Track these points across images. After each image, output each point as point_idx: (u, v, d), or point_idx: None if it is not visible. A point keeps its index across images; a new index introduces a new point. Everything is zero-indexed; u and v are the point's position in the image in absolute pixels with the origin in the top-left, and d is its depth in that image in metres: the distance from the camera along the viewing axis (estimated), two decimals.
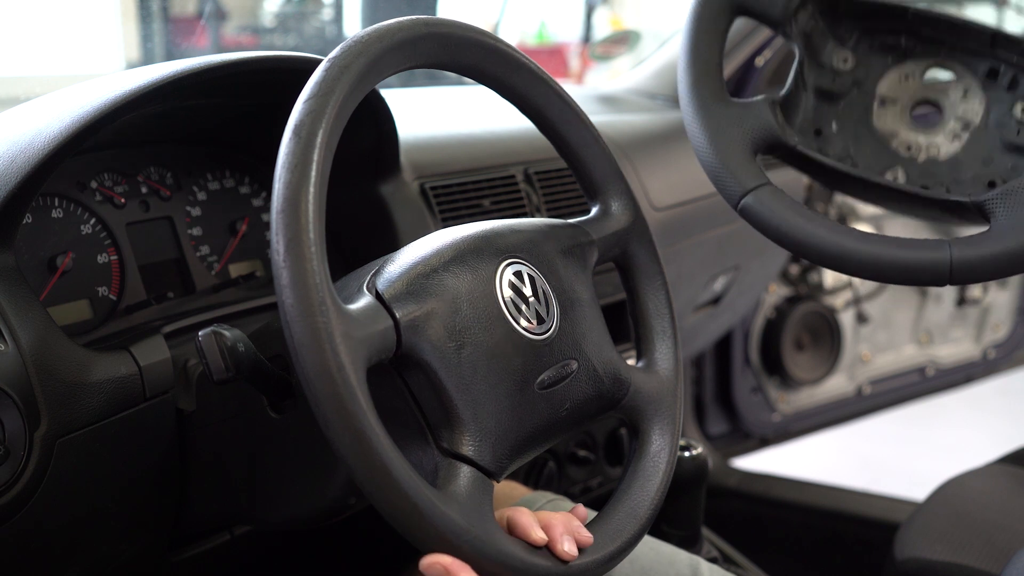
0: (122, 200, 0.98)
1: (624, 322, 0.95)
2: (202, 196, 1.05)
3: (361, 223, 1.12)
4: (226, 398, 0.85)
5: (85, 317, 0.94)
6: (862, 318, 2.20)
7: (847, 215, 2.10)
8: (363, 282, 0.73)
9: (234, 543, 0.98)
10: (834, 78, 1.05)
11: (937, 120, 1.02)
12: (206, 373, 0.74)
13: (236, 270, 1.06)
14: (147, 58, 3.12)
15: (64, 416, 0.81)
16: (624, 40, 2.05)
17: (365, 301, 0.69)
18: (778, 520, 1.82)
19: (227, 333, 0.74)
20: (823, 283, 2.13)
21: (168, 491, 0.90)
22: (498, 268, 0.77)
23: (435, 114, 1.46)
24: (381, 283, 0.72)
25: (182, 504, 0.92)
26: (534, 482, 1.41)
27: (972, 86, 1.01)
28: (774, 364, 2.08)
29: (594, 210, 0.90)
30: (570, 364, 0.79)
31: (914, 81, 1.03)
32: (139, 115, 0.92)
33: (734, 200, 0.97)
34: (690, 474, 1.15)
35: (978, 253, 0.90)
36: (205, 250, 1.04)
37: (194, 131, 1.05)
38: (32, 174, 0.81)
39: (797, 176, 1.67)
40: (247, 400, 0.82)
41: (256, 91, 0.99)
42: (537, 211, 1.28)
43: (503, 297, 0.76)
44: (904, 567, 1.12)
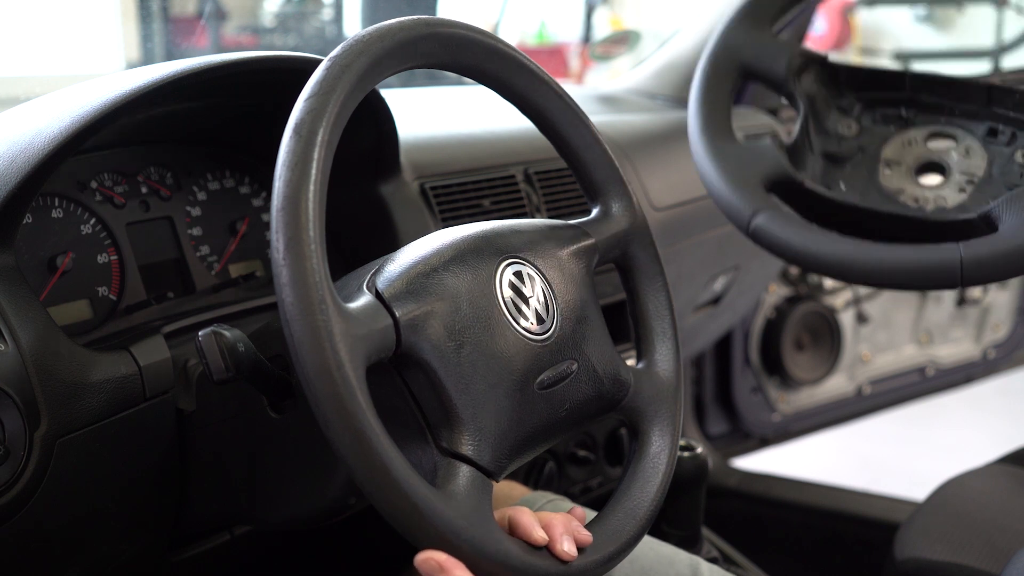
0: (122, 200, 0.98)
1: (624, 322, 0.95)
2: (202, 196, 1.05)
3: (361, 223, 1.12)
4: (226, 398, 0.85)
5: (85, 317, 0.94)
6: (862, 318, 2.20)
7: None
8: (363, 281, 0.73)
9: (234, 543, 0.98)
10: (839, 143, 1.09)
11: (941, 180, 1.05)
12: (206, 373, 0.74)
13: (236, 270, 1.06)
14: (147, 58, 3.11)
15: (64, 416, 0.81)
16: (624, 40, 2.05)
17: (365, 300, 0.69)
18: (778, 520, 1.82)
19: (227, 333, 0.74)
20: (823, 283, 2.13)
21: (168, 491, 0.90)
22: (498, 268, 0.77)
23: (435, 114, 1.46)
24: (381, 282, 0.72)
25: (182, 504, 0.92)
26: (534, 482, 1.41)
27: (974, 146, 1.04)
28: (774, 364, 2.08)
29: (594, 211, 0.90)
30: (570, 365, 0.79)
31: (917, 146, 1.06)
32: (139, 115, 0.92)
33: (744, 224, 1.00)
34: (690, 474, 1.15)
35: (988, 251, 0.90)
36: (205, 250, 1.04)
37: (194, 131, 1.05)
38: (32, 174, 0.81)
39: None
40: (247, 400, 0.82)
41: (256, 91, 0.99)
42: (537, 211, 1.28)
43: (503, 297, 0.76)
44: (904, 567, 1.12)
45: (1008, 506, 1.19)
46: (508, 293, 0.77)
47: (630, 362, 0.87)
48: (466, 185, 1.22)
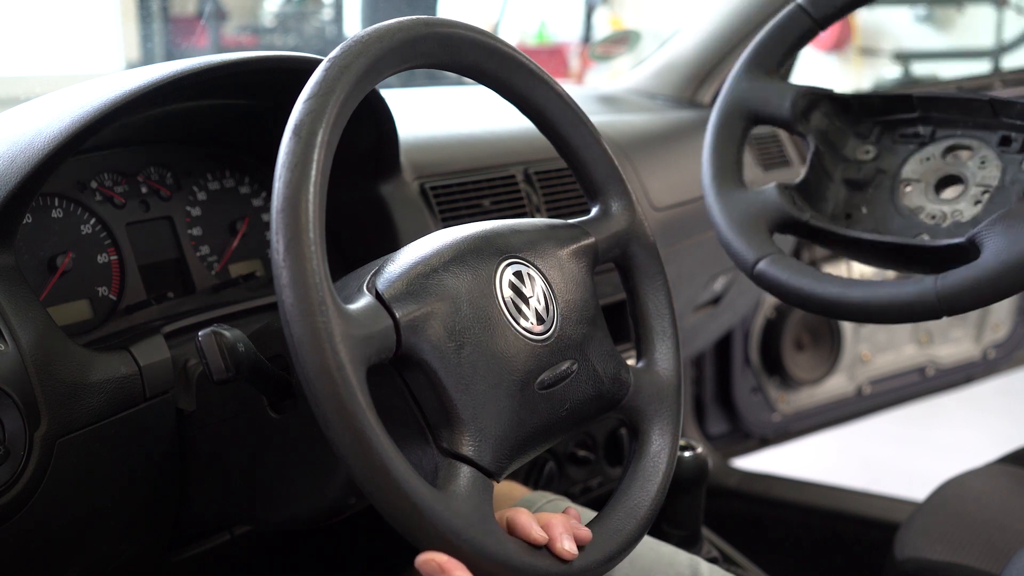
0: (122, 200, 0.98)
1: (624, 322, 0.95)
2: (202, 196, 1.05)
3: (361, 223, 1.12)
4: (226, 398, 0.85)
5: (85, 317, 0.94)
6: None
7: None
8: (363, 282, 0.73)
9: (234, 543, 0.98)
10: (859, 168, 1.13)
11: (961, 190, 1.08)
12: (206, 373, 0.74)
13: (236, 270, 1.06)
14: (147, 58, 3.12)
15: (64, 416, 0.80)
16: (624, 40, 2.05)
17: (365, 301, 0.69)
18: (778, 520, 1.82)
19: (227, 333, 0.74)
20: None
21: (168, 491, 0.90)
22: (498, 268, 0.77)
23: (435, 114, 1.46)
24: (381, 283, 0.72)
25: (182, 504, 0.92)
26: (534, 482, 1.41)
27: (989, 155, 1.06)
28: (774, 364, 2.08)
29: (594, 210, 0.90)
30: (570, 364, 0.79)
31: (935, 161, 1.09)
32: (139, 115, 0.92)
33: (748, 269, 1.05)
34: (690, 474, 1.15)
35: (960, 282, 0.93)
36: (205, 250, 1.04)
37: (194, 131, 1.05)
38: (32, 174, 0.81)
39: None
40: (247, 400, 0.82)
41: (256, 91, 0.99)
42: (537, 211, 1.28)
43: (503, 297, 0.76)
44: (904, 567, 1.12)
45: (1008, 506, 1.19)
46: (508, 293, 0.77)
47: (630, 362, 0.87)
48: (466, 185, 1.22)
